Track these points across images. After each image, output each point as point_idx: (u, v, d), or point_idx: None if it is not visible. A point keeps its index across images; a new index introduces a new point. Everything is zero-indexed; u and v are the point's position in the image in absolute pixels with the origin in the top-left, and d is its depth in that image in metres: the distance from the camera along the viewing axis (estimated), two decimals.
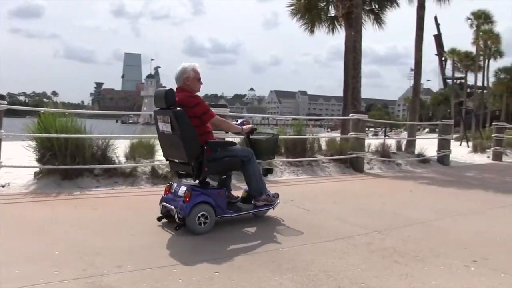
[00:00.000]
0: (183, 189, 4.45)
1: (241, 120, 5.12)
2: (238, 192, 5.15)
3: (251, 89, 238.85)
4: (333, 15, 17.21)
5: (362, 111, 11.10)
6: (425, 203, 6.35)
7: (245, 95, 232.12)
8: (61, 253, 3.60)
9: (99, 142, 6.83)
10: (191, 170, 4.44)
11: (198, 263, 3.49)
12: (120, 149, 7.15)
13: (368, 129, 11.71)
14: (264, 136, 5.22)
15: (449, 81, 63.76)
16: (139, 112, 65.32)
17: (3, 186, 6.03)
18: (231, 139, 6.28)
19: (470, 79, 55.29)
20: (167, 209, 4.50)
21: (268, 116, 57.26)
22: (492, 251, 4.11)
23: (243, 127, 4.89)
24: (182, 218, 4.27)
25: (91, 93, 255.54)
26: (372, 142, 11.23)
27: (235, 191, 5.16)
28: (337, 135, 13.76)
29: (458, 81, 60.76)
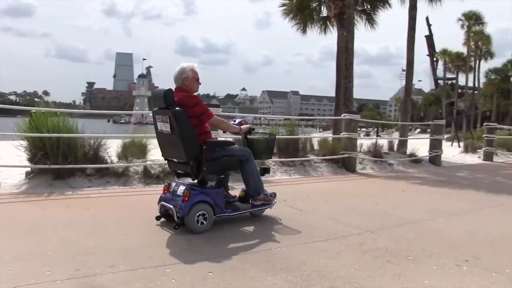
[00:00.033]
0: (182, 188, 4.45)
1: (238, 120, 5.16)
2: (232, 192, 5.15)
3: (243, 89, 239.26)
4: (325, 15, 17.31)
5: (354, 111, 11.12)
6: (417, 203, 6.38)
7: (237, 95, 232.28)
8: (54, 253, 3.58)
9: (91, 141, 6.80)
10: (190, 170, 4.46)
11: (191, 263, 3.49)
12: (112, 148, 7.12)
13: (360, 129, 11.76)
14: (262, 136, 5.25)
15: (440, 81, 64.25)
16: (131, 112, 64.90)
17: None
18: (223, 139, 6.28)
19: (461, 79, 55.57)
20: (166, 208, 4.52)
21: (260, 116, 57.14)
22: (484, 250, 4.13)
23: (241, 127, 4.93)
24: (181, 217, 4.29)
25: (82, 93, 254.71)
26: (364, 142, 11.26)
27: (230, 191, 5.17)
28: (329, 135, 13.77)
29: (450, 82, 61.19)
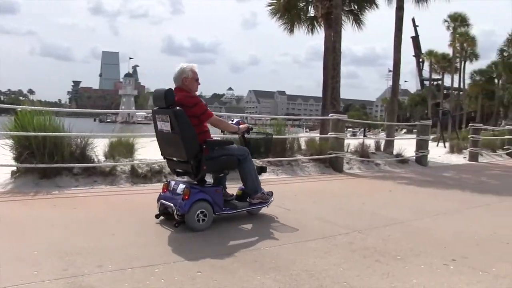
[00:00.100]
0: (181, 186, 4.51)
1: (236, 119, 5.22)
2: (229, 191, 5.17)
3: (230, 88, 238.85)
4: (312, 15, 17.31)
5: (341, 111, 11.15)
6: (404, 203, 6.42)
7: (223, 94, 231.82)
8: (40, 253, 3.55)
9: (78, 140, 6.75)
10: (190, 169, 4.52)
11: (180, 262, 3.48)
12: (99, 148, 7.08)
13: (346, 129, 11.79)
14: (259, 135, 5.37)
15: (426, 82, 64.79)
16: (117, 111, 64.46)
17: None
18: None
19: (447, 80, 56.22)
20: (165, 206, 4.57)
21: (247, 116, 57.14)
22: (471, 250, 4.17)
23: (240, 127, 4.99)
24: (181, 215, 4.34)
25: (68, 92, 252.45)
26: (351, 142, 11.29)
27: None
28: (316, 135, 13.80)
29: (435, 83, 61.75)
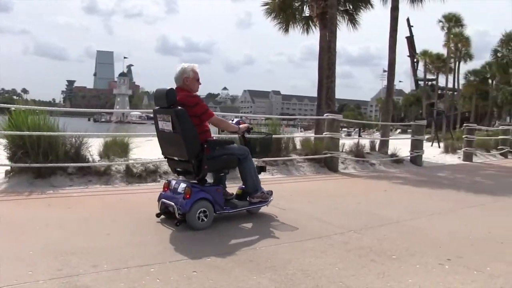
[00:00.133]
0: (182, 186, 4.55)
1: (236, 119, 5.27)
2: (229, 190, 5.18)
3: (225, 88, 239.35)
4: (307, 15, 17.31)
5: (336, 111, 11.15)
6: (400, 202, 6.43)
7: (218, 94, 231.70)
8: (35, 253, 3.53)
9: (72, 140, 6.73)
10: (191, 168, 4.55)
11: (175, 262, 3.47)
12: (94, 147, 7.05)
13: (341, 129, 11.79)
14: (259, 135, 5.42)
15: (420, 82, 64.95)
16: (112, 110, 64.30)
17: None
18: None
19: (441, 81, 56.38)
20: (166, 205, 4.59)
21: (242, 116, 56.95)
22: (465, 249, 4.19)
23: (240, 126, 5.03)
24: (182, 214, 4.37)
25: (62, 91, 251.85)
26: (346, 142, 11.30)
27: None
28: (311, 135, 13.81)
29: (430, 83, 61.91)
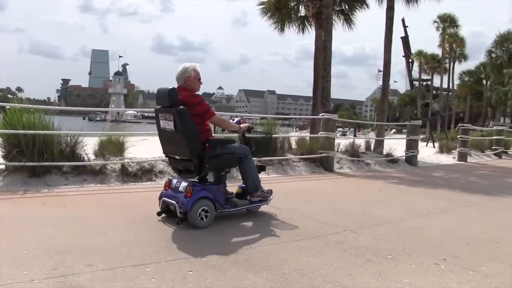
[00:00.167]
0: (184, 184, 4.57)
1: (237, 119, 5.34)
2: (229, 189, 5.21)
3: (220, 87, 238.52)
4: (303, 15, 17.28)
5: (331, 110, 11.16)
6: (395, 202, 6.44)
7: (213, 93, 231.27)
8: (30, 252, 3.51)
9: (67, 139, 6.70)
10: (192, 167, 4.57)
11: (171, 261, 3.46)
12: (89, 146, 7.03)
13: (336, 129, 11.80)
14: (260, 134, 5.50)
15: (415, 82, 65.01)
16: (107, 109, 64.18)
17: None
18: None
19: (436, 81, 56.61)
20: (167, 204, 4.62)
21: (237, 115, 56.98)
22: (461, 249, 4.19)
23: (241, 126, 5.08)
24: (183, 212, 4.41)
25: (57, 90, 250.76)
26: (341, 141, 11.32)
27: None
28: (306, 134, 13.81)
29: (425, 83, 62.06)
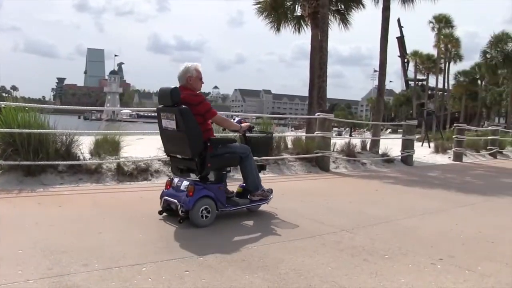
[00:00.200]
0: (185, 183, 4.60)
1: (238, 118, 5.37)
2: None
3: (216, 87, 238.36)
4: (299, 14, 17.31)
5: (327, 110, 11.16)
6: (391, 202, 6.44)
7: (209, 93, 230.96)
8: (25, 251, 3.49)
9: (63, 138, 6.67)
10: (194, 166, 4.59)
11: (167, 261, 3.44)
12: (84, 145, 7.00)
13: (332, 128, 11.79)
14: (260, 134, 5.54)
15: (411, 82, 65.18)
16: (102, 108, 64.03)
17: None
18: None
19: (431, 81, 56.75)
20: (168, 202, 4.63)
21: (232, 114, 56.83)
22: (457, 249, 4.20)
23: (242, 125, 5.11)
24: (185, 211, 4.42)
25: (52, 88, 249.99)
26: (337, 141, 11.31)
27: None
28: (302, 134, 13.81)
29: (420, 83, 62.16)
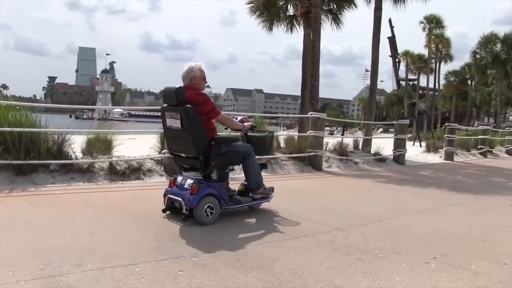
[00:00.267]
0: (189, 182, 4.65)
1: (240, 117, 5.42)
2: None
3: (207, 86, 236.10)
4: (292, 14, 17.32)
5: (320, 109, 11.16)
6: (384, 201, 6.46)
7: None
8: (16, 252, 3.44)
9: (55, 136, 6.61)
10: (198, 164, 4.63)
11: (161, 261, 3.42)
12: (76, 144, 6.95)
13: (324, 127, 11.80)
14: (262, 133, 5.60)
15: (402, 82, 65.37)
16: (94, 107, 63.75)
17: None
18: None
19: (422, 81, 57.01)
20: (172, 200, 4.67)
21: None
22: (450, 248, 4.21)
23: (244, 124, 5.16)
24: (189, 209, 4.48)
25: (43, 87, 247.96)
26: (329, 140, 11.33)
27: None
28: (295, 133, 13.81)
29: (411, 83, 62.41)
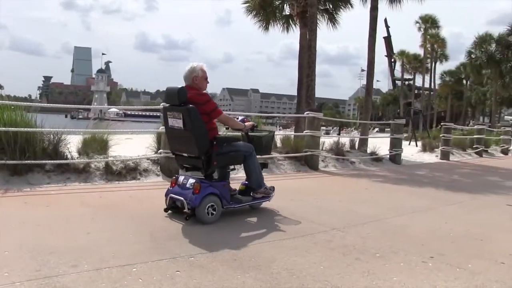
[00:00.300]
0: (191, 181, 4.67)
1: (241, 117, 5.46)
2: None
3: None
4: (288, 13, 17.31)
5: (316, 109, 11.16)
6: (381, 200, 6.46)
7: None
8: (11, 253, 3.42)
9: (50, 136, 6.58)
10: (200, 164, 4.66)
11: (158, 261, 3.40)
12: (72, 144, 6.91)
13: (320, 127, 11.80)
14: (263, 133, 5.63)
15: (398, 82, 65.52)
16: (90, 106, 63.60)
17: None
18: None
19: (418, 80, 57.17)
20: (174, 200, 4.73)
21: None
22: (447, 247, 4.21)
23: (245, 124, 5.18)
24: (191, 208, 4.50)
25: (39, 87, 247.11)
26: (326, 140, 11.32)
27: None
28: (291, 133, 13.81)
29: (407, 82, 62.53)
